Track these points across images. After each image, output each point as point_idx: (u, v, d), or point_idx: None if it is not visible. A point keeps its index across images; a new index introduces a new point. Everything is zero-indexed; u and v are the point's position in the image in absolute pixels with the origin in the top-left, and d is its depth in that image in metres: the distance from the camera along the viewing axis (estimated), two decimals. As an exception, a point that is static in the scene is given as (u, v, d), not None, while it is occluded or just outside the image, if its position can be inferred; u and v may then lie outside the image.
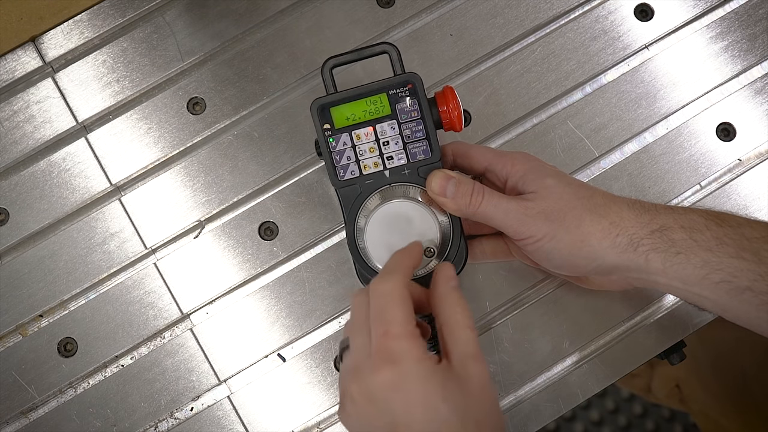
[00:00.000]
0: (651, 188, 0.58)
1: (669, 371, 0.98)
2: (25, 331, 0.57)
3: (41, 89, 0.59)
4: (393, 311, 0.42)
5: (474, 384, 0.41)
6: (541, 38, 0.60)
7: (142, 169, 0.59)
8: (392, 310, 0.42)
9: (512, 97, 0.59)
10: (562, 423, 1.28)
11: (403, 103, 0.50)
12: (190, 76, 0.60)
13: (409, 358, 0.40)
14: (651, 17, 0.61)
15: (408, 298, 0.43)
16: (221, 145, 0.59)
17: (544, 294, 0.57)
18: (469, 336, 0.42)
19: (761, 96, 0.60)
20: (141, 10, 0.60)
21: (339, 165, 0.50)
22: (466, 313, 0.43)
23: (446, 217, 0.50)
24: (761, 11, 0.60)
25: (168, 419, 0.56)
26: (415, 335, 0.41)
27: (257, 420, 0.56)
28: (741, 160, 0.59)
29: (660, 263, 0.45)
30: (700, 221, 0.45)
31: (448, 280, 0.46)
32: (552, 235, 0.46)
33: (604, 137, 0.59)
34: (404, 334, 0.41)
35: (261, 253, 0.58)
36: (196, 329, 0.57)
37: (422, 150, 0.50)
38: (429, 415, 0.40)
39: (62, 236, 0.58)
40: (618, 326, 0.57)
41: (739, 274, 0.44)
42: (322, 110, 0.50)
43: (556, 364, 0.56)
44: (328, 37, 0.60)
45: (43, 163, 0.59)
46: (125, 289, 0.57)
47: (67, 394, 0.57)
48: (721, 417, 0.87)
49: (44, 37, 0.60)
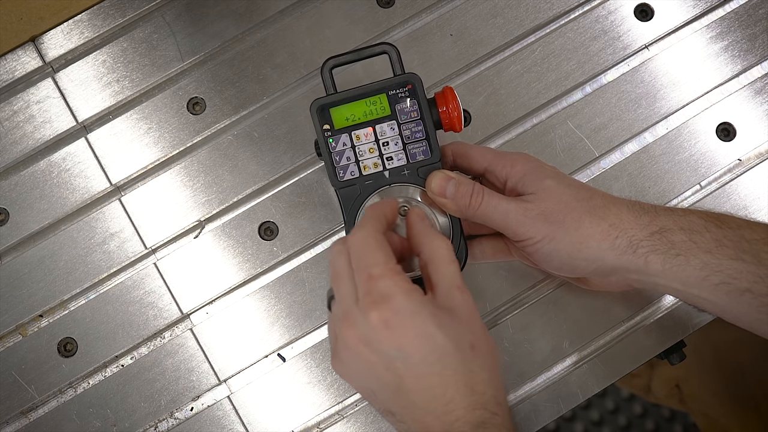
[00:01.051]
0: (651, 188, 0.58)
1: (669, 371, 0.98)
2: (25, 331, 0.57)
3: (41, 89, 0.59)
4: (372, 254, 0.43)
5: (462, 312, 0.43)
6: (541, 38, 0.60)
7: (142, 169, 0.59)
8: (371, 254, 0.43)
9: (512, 97, 0.59)
10: (562, 423, 1.28)
11: (403, 104, 0.50)
12: (190, 76, 0.60)
13: (397, 293, 0.41)
14: (651, 17, 0.61)
15: (384, 241, 0.44)
16: (221, 145, 0.59)
17: (544, 294, 0.57)
18: (454, 269, 0.44)
19: (761, 96, 0.60)
20: (141, 10, 0.60)
21: (339, 165, 0.50)
22: (448, 249, 0.44)
23: (446, 217, 0.50)
24: (761, 11, 0.60)
25: (168, 419, 0.57)
26: (398, 271, 0.42)
27: (257, 420, 0.56)
28: (741, 160, 0.59)
29: (659, 265, 0.45)
30: (699, 223, 0.45)
31: (422, 218, 0.47)
32: (551, 237, 0.46)
33: (604, 137, 0.59)
34: (387, 273, 0.42)
35: (261, 253, 0.58)
36: (196, 329, 0.57)
37: (422, 150, 0.50)
38: (426, 343, 0.41)
39: (62, 236, 0.58)
40: (618, 326, 0.57)
41: (739, 276, 0.44)
42: (322, 111, 0.50)
43: (556, 364, 0.56)
44: (328, 37, 0.60)
45: (43, 163, 0.59)
46: (125, 289, 0.57)
47: (67, 394, 0.57)
48: (721, 417, 0.87)
49: (44, 37, 0.60)
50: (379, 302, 0.41)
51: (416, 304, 0.41)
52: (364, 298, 0.42)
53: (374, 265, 0.42)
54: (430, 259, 0.44)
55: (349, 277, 0.43)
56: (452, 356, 0.41)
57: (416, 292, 0.42)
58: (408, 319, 0.41)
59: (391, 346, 0.41)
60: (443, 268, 0.44)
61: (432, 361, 0.41)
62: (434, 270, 0.44)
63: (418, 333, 0.41)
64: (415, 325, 0.41)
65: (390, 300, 0.41)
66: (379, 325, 0.41)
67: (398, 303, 0.41)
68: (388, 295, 0.41)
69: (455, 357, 0.41)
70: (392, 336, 0.41)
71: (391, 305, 0.41)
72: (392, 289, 0.41)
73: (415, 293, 0.42)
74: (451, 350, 0.41)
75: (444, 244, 0.45)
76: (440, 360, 0.41)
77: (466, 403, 0.41)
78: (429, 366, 0.41)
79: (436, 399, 0.41)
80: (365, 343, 0.42)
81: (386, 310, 0.41)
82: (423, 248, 0.45)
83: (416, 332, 0.41)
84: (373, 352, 0.42)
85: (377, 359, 0.42)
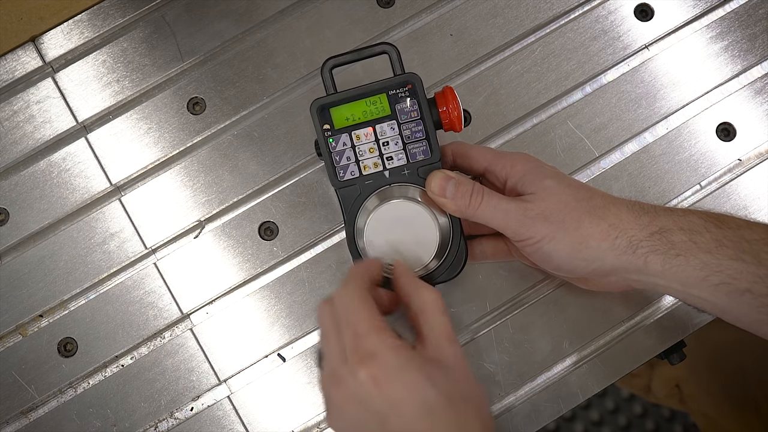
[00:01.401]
0: (651, 188, 0.58)
1: (669, 371, 0.98)
2: (25, 331, 0.57)
3: (41, 89, 0.59)
4: (357, 312, 0.43)
5: (451, 363, 0.42)
6: (541, 38, 0.60)
7: (142, 169, 0.59)
8: (356, 312, 0.43)
9: (512, 97, 0.59)
10: (562, 423, 1.28)
11: (403, 104, 0.50)
12: (190, 76, 0.60)
13: (384, 350, 0.41)
14: (651, 17, 0.61)
15: (369, 298, 0.44)
16: (221, 145, 0.59)
17: (544, 294, 0.57)
18: (444, 320, 0.44)
19: (761, 96, 0.60)
20: (141, 10, 0.60)
21: (339, 165, 0.50)
22: (438, 300, 0.44)
23: (446, 217, 0.50)
24: (761, 11, 0.60)
25: (168, 419, 0.57)
26: (384, 328, 0.42)
27: (257, 420, 0.56)
28: (741, 160, 0.59)
29: (659, 265, 0.45)
30: (699, 223, 0.45)
31: (407, 272, 0.47)
32: (551, 237, 0.46)
33: (604, 137, 0.59)
34: (373, 329, 0.42)
35: (261, 253, 0.58)
36: (196, 329, 0.57)
37: (422, 150, 0.50)
38: (417, 399, 0.40)
39: (62, 236, 0.58)
40: (618, 326, 0.57)
41: (739, 276, 0.44)
42: (322, 111, 0.50)
43: (556, 364, 0.56)
44: (328, 37, 0.60)
45: (43, 163, 0.59)
46: (125, 289, 0.58)
47: (67, 394, 0.57)
48: (720, 417, 0.87)
49: (44, 37, 0.60)
50: (367, 360, 0.41)
51: (403, 359, 0.41)
52: (351, 356, 0.42)
53: (359, 322, 0.42)
54: (420, 310, 0.44)
55: (335, 336, 0.43)
56: (444, 409, 0.40)
57: (403, 347, 0.42)
58: (396, 375, 0.41)
59: (383, 403, 0.41)
60: (432, 318, 0.44)
61: (424, 415, 0.40)
62: (424, 321, 0.44)
63: (408, 387, 0.40)
64: (404, 380, 0.41)
65: (377, 357, 0.41)
66: (369, 383, 0.41)
67: (386, 360, 0.41)
68: (375, 353, 0.41)
69: (447, 410, 0.40)
70: (382, 393, 0.40)
71: (379, 362, 0.41)
72: (378, 346, 0.41)
73: (401, 349, 0.41)
74: (443, 403, 0.40)
75: (434, 295, 0.45)
76: (432, 414, 0.40)
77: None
78: (422, 421, 0.40)
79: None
80: (357, 401, 0.41)
81: (374, 367, 0.41)
82: (412, 300, 0.45)
83: (405, 387, 0.40)
84: (364, 410, 0.41)
85: (369, 417, 0.41)
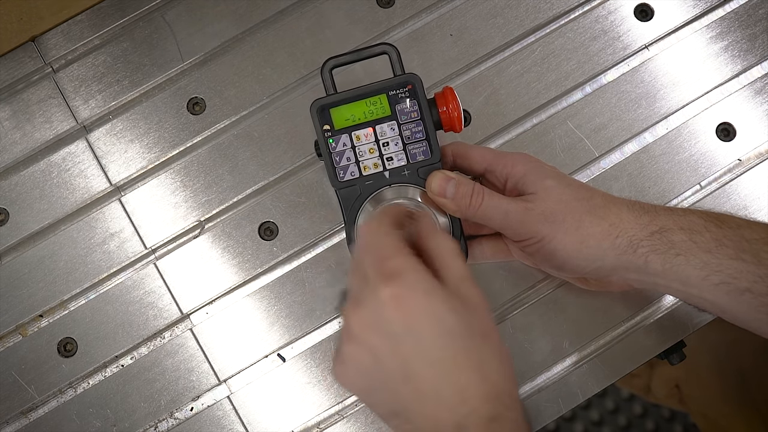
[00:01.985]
0: (651, 188, 0.58)
1: (669, 371, 0.98)
2: (25, 331, 0.57)
3: (41, 89, 0.59)
4: (383, 241, 0.41)
5: (472, 302, 0.40)
6: (541, 38, 0.60)
7: (142, 169, 0.59)
8: (382, 241, 0.41)
9: (512, 97, 0.59)
10: (562, 423, 1.28)
11: (403, 104, 0.50)
12: (190, 76, 0.60)
13: (410, 270, 0.39)
14: (651, 17, 0.61)
15: (394, 231, 0.42)
16: (221, 145, 0.59)
17: (544, 294, 0.57)
18: (461, 263, 0.42)
19: (761, 96, 0.60)
20: (141, 10, 0.60)
21: (339, 166, 0.50)
22: (456, 245, 0.43)
23: (446, 217, 0.50)
24: (761, 11, 0.60)
25: (168, 419, 0.57)
26: (410, 254, 0.41)
27: (257, 420, 0.56)
28: (741, 160, 0.59)
29: (659, 265, 0.45)
30: (699, 223, 0.45)
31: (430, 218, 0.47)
32: (551, 237, 0.46)
33: (604, 137, 0.59)
34: (399, 254, 0.40)
35: (261, 253, 0.58)
36: (196, 329, 0.57)
37: (422, 151, 0.50)
38: (438, 326, 0.38)
39: (62, 236, 0.58)
40: (618, 326, 0.57)
41: (739, 276, 0.44)
42: (322, 111, 0.50)
43: (556, 364, 0.56)
44: (328, 37, 0.60)
45: (43, 163, 0.59)
46: (125, 289, 0.57)
47: (67, 394, 0.57)
48: (720, 417, 0.87)
49: (44, 37, 0.60)
50: (390, 278, 0.39)
51: (429, 284, 0.39)
52: (375, 277, 0.39)
53: (385, 248, 0.41)
54: (437, 254, 0.42)
55: (361, 266, 0.42)
56: (464, 339, 0.38)
57: (429, 273, 0.40)
58: (422, 297, 0.39)
59: (400, 325, 0.38)
60: (453, 261, 0.42)
61: (444, 343, 0.38)
62: (442, 264, 0.42)
63: (430, 313, 0.38)
64: (428, 305, 0.39)
65: (403, 276, 0.39)
66: (390, 303, 0.38)
67: (411, 280, 0.39)
68: (400, 272, 0.39)
69: (467, 341, 0.39)
70: (402, 314, 0.38)
71: (404, 281, 0.39)
72: (404, 266, 0.39)
73: (427, 273, 0.40)
74: (464, 333, 0.38)
75: (450, 241, 0.43)
76: (453, 342, 0.38)
77: (479, 392, 0.38)
78: (440, 349, 0.38)
79: (448, 386, 0.38)
80: (371, 326, 0.39)
81: (398, 286, 0.39)
82: (430, 243, 0.43)
83: (428, 312, 0.38)
84: (379, 335, 0.39)
85: (383, 344, 0.39)
